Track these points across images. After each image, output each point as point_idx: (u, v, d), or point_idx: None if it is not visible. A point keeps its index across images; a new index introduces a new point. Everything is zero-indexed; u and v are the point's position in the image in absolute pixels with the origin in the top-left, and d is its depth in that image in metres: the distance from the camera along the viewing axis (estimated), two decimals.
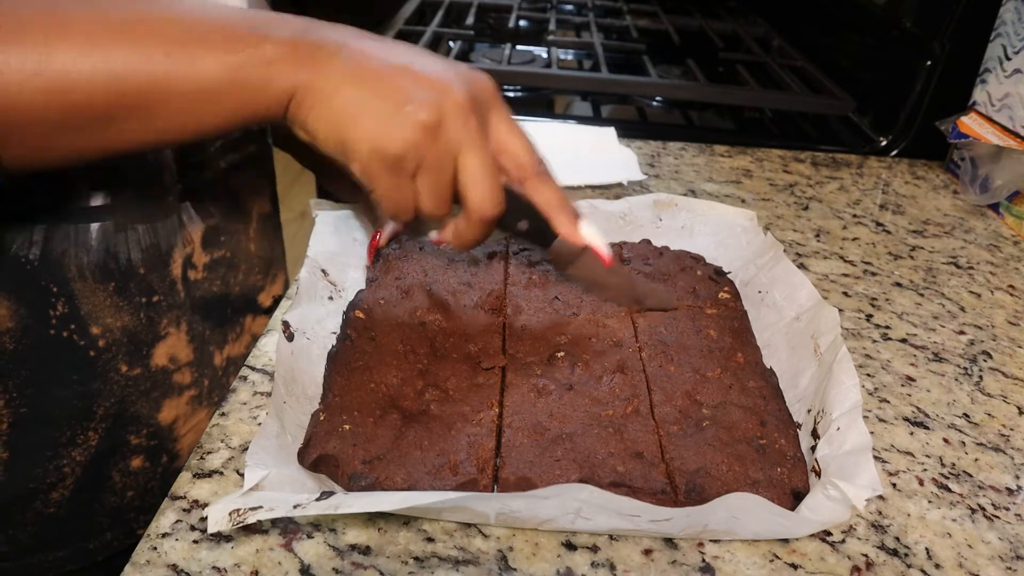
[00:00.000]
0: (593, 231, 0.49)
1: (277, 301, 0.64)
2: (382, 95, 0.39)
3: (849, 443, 0.39)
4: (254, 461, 0.38)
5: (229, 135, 0.56)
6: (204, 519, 0.38)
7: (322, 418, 0.43)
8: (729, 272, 0.58)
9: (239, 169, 0.58)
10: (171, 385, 0.56)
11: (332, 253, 0.56)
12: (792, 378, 0.48)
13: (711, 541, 0.39)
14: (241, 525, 0.36)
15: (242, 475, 0.41)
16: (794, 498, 0.39)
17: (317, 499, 0.36)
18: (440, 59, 0.43)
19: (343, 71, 0.39)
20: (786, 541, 0.39)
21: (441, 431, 0.42)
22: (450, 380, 0.46)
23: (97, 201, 0.48)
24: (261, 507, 0.36)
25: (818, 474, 0.40)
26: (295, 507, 0.35)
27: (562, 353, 0.48)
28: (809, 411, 0.45)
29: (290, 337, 0.47)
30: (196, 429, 0.58)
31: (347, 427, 0.42)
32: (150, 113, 0.38)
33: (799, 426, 0.45)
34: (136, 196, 0.50)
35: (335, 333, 0.50)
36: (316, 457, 0.40)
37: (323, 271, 0.54)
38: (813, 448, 0.42)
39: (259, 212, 0.62)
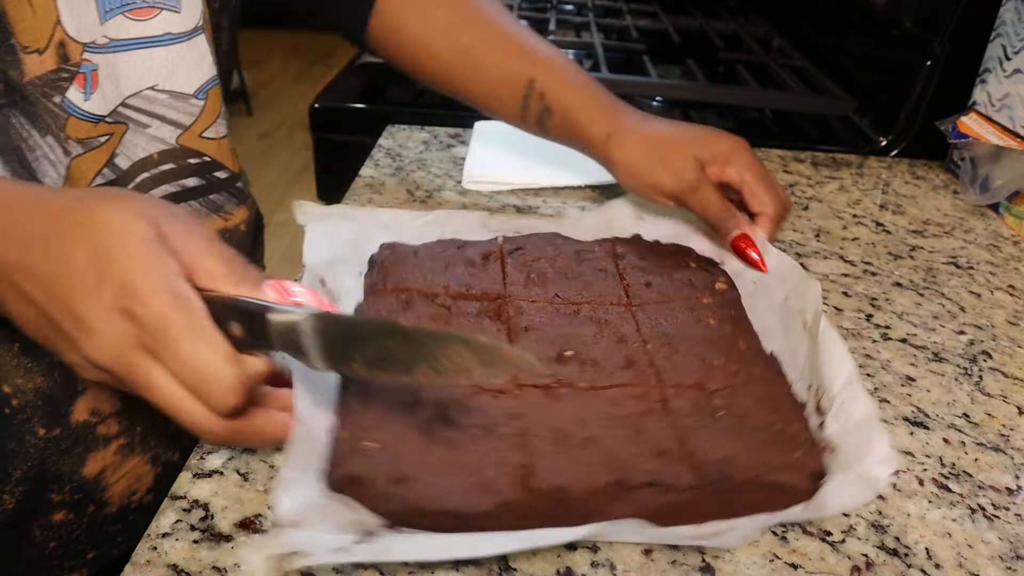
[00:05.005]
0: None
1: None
2: (48, 343, 0.37)
3: (856, 415, 0.40)
4: (287, 480, 0.36)
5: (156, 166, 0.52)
6: (203, 519, 0.39)
7: (343, 436, 0.41)
8: (722, 263, 0.60)
9: (174, 202, 0.53)
10: (95, 438, 0.52)
11: (328, 260, 0.53)
12: (791, 357, 0.49)
13: None
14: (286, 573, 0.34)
15: (242, 474, 0.41)
16: (814, 480, 0.40)
17: (356, 542, 0.35)
18: (116, 280, 0.34)
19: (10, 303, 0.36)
20: (786, 540, 0.39)
21: (465, 446, 0.41)
22: (464, 392, 0.44)
23: None
24: (300, 552, 0.33)
25: (831, 451, 0.41)
26: (337, 550, 0.34)
27: (570, 352, 0.48)
28: (809, 387, 0.45)
29: None
30: (129, 475, 0.55)
31: (369, 445, 0.40)
32: None
33: (804, 405, 0.45)
34: None
35: None
36: (342, 478, 0.39)
37: (321, 281, 0.51)
38: (820, 424, 0.42)
39: None
